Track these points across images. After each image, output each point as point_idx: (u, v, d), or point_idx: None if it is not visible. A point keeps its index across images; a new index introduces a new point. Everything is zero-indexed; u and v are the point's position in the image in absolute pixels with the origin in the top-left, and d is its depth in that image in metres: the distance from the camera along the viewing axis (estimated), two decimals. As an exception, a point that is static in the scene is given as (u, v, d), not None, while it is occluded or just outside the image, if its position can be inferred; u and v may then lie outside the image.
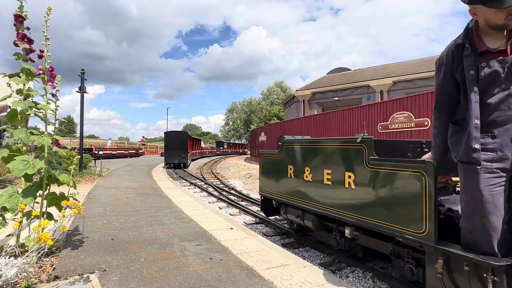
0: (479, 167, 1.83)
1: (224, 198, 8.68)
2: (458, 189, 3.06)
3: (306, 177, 3.63)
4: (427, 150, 3.14)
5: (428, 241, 2.22)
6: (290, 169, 3.95)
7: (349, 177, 2.99)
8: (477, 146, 1.82)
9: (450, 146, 2.07)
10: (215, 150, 45.05)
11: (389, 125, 11.85)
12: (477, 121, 1.81)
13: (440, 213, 2.36)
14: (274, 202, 4.72)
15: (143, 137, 55.37)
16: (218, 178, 14.26)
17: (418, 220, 2.28)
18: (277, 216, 5.49)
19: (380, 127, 12.20)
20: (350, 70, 30.08)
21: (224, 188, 10.86)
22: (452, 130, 2.05)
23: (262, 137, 25.74)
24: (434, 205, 2.18)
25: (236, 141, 63.11)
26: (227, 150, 49.54)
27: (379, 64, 27.83)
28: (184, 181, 13.18)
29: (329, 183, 3.26)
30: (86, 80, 11.93)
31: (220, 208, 7.39)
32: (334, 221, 3.48)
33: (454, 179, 2.96)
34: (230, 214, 6.71)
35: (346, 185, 3.02)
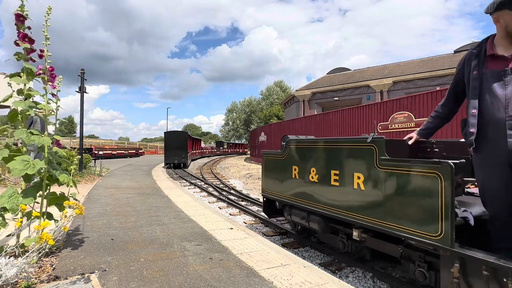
0: (472, 147, 2.19)
1: (224, 198, 8.68)
2: (467, 190, 3.03)
3: (312, 178, 3.54)
4: (437, 150, 3.18)
5: (444, 244, 2.15)
6: (295, 169, 3.86)
7: (358, 178, 2.90)
8: (472, 130, 2.16)
9: (464, 135, 2.35)
10: (215, 150, 45.05)
11: (389, 125, 11.86)
12: (474, 111, 2.16)
13: (456, 215, 2.25)
14: (277, 203, 4.62)
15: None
16: (218, 178, 14.26)
17: (434, 223, 2.21)
18: (280, 218, 5.42)
19: (380, 127, 12.20)
20: (350, 70, 30.08)
21: (224, 188, 10.86)
22: (463, 122, 2.36)
23: (262, 137, 25.74)
24: (451, 207, 2.12)
25: (236, 141, 63.10)
26: (227, 150, 49.55)
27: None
28: (184, 181, 13.18)
29: (337, 184, 3.17)
30: (86, 80, 11.94)
31: (220, 208, 7.39)
32: (341, 223, 3.38)
33: (465, 179, 2.89)
34: (230, 214, 6.71)
35: (355, 186, 2.93)
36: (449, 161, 2.16)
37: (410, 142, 2.81)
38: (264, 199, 4.86)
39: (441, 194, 2.18)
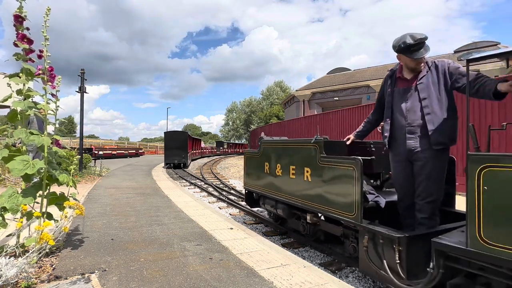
0: (386, 147, 2.91)
1: (224, 198, 8.69)
2: None
3: (278, 172, 4.25)
4: (374, 149, 3.84)
5: (356, 221, 2.80)
6: (266, 165, 4.59)
7: (307, 171, 3.56)
8: (386, 134, 2.85)
9: (383, 138, 2.97)
10: (215, 150, 44.98)
11: (389, 125, 11.84)
12: (388, 119, 2.85)
13: (366, 199, 3.03)
14: (254, 194, 5.36)
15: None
16: (218, 178, 14.25)
17: (351, 205, 2.85)
18: (260, 209, 5.92)
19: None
20: (350, 70, 30.06)
21: (224, 188, 10.86)
22: (382, 128, 2.98)
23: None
24: (360, 192, 2.74)
25: (236, 141, 63.02)
26: (227, 150, 49.46)
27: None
28: (184, 181, 13.17)
29: (294, 177, 3.85)
30: (86, 80, 11.94)
31: (220, 208, 7.39)
32: (299, 209, 4.04)
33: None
34: (230, 214, 6.71)
35: (305, 179, 3.59)
36: (360, 158, 2.78)
37: (348, 143, 3.41)
38: (246, 191, 5.64)
39: (355, 182, 2.79)
